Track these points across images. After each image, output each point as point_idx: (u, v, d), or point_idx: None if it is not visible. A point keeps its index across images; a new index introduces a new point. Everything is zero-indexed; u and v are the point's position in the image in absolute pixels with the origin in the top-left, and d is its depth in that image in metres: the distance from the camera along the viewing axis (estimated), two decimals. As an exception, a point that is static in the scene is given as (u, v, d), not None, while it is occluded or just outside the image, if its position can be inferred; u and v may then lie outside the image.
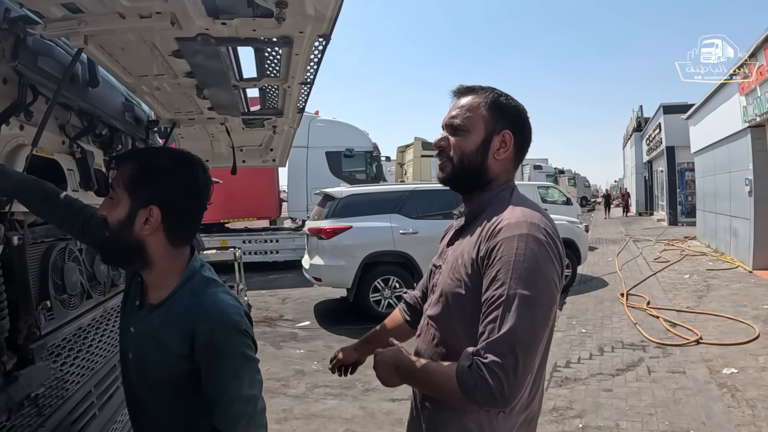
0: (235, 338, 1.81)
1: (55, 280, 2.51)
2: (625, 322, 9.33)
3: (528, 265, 1.72)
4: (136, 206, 1.81)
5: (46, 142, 2.48)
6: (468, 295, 1.86)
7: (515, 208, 1.90)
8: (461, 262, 1.91)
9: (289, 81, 2.50)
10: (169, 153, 1.98)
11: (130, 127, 3.35)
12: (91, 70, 2.66)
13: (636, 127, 44.26)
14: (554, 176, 44.26)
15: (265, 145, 4.22)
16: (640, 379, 6.61)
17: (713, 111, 17.50)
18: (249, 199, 17.01)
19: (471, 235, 1.94)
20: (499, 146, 1.99)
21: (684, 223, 29.50)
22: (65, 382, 2.44)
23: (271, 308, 11.50)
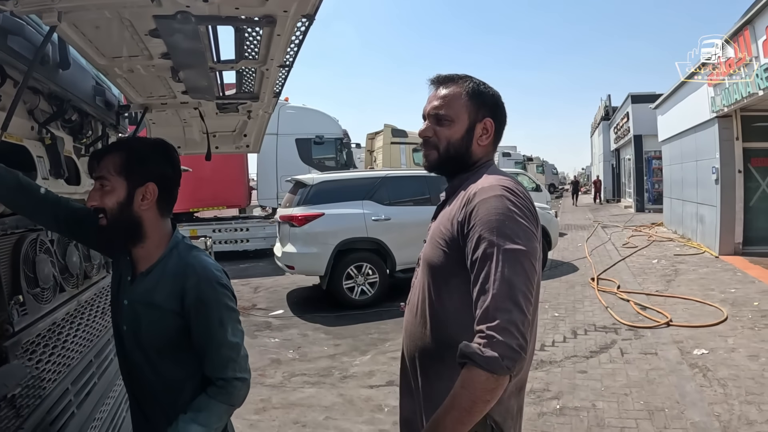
0: (218, 291, 2.07)
1: (27, 273, 2.39)
2: (596, 306, 9.42)
3: (507, 221, 1.78)
4: (133, 186, 2.03)
5: (15, 127, 2.37)
6: (446, 260, 1.95)
7: (489, 176, 1.99)
8: (441, 230, 2.00)
9: (268, 63, 2.42)
10: (146, 139, 2.26)
11: (100, 112, 3.25)
12: (62, 51, 2.55)
13: (604, 116, 44.72)
14: (523, 163, 44.50)
15: (239, 130, 4.13)
16: (613, 360, 6.69)
17: (681, 101, 17.74)
18: (218, 187, 16.82)
19: (449, 206, 2.03)
20: (482, 133, 2.10)
21: (651, 209, 29.90)
22: (42, 380, 2.34)
23: (243, 297, 11.34)
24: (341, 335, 8.32)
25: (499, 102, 2.15)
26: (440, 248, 1.98)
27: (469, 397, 1.63)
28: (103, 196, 2.02)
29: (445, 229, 1.96)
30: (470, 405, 1.64)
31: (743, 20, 11.73)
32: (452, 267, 1.92)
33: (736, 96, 12.52)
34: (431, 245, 2.05)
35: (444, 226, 1.98)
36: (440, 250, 1.98)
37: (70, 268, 2.88)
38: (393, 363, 6.84)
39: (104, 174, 2.02)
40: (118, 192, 2.02)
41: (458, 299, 1.91)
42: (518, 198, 1.85)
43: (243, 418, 5.39)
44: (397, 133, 21.53)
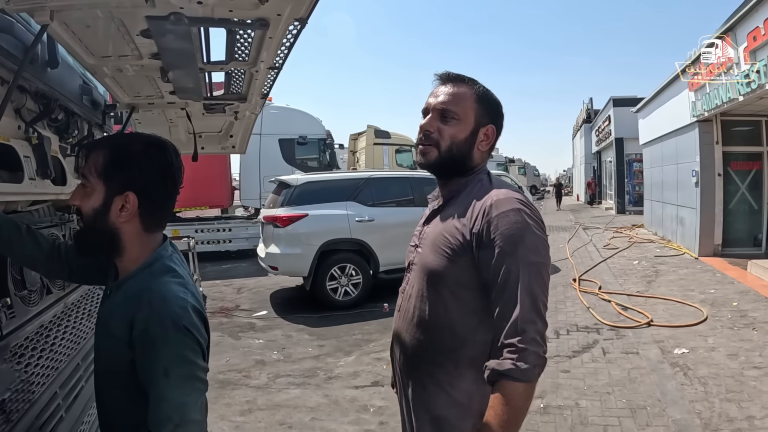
0: (171, 333, 1.65)
1: (14, 275, 2.34)
2: (578, 306, 9.51)
3: (527, 235, 1.83)
4: (112, 194, 1.77)
5: (2, 126, 2.32)
6: (454, 269, 1.96)
7: (499, 189, 1.98)
8: (446, 238, 1.99)
9: (258, 65, 2.40)
10: (140, 138, 1.91)
11: (87, 111, 3.21)
12: (50, 50, 2.51)
13: (586, 118, 44.93)
14: (505, 165, 44.65)
15: (225, 131, 4.10)
16: (596, 360, 6.76)
17: (662, 105, 17.97)
18: (201, 187, 16.65)
19: (456, 214, 2.01)
20: (484, 138, 2.11)
21: (632, 211, 30.20)
22: (31, 384, 2.30)
23: (226, 298, 11.33)
24: (325, 336, 8.31)
25: (501, 111, 2.17)
26: (445, 256, 1.98)
27: (514, 411, 1.72)
28: (84, 198, 1.80)
29: (453, 238, 1.97)
30: (516, 417, 1.73)
31: (725, 26, 11.90)
32: (460, 276, 1.96)
33: (716, 101, 12.74)
34: (433, 253, 2.04)
35: (451, 234, 1.98)
36: (445, 258, 1.98)
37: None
38: (377, 363, 6.88)
39: (86, 173, 1.80)
40: (95, 197, 1.78)
41: (463, 307, 1.98)
42: (533, 211, 1.92)
43: (229, 420, 5.39)
44: (380, 134, 21.51)
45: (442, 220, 2.08)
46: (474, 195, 2.01)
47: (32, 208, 2.77)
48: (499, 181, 2.08)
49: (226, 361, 7.23)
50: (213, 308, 10.43)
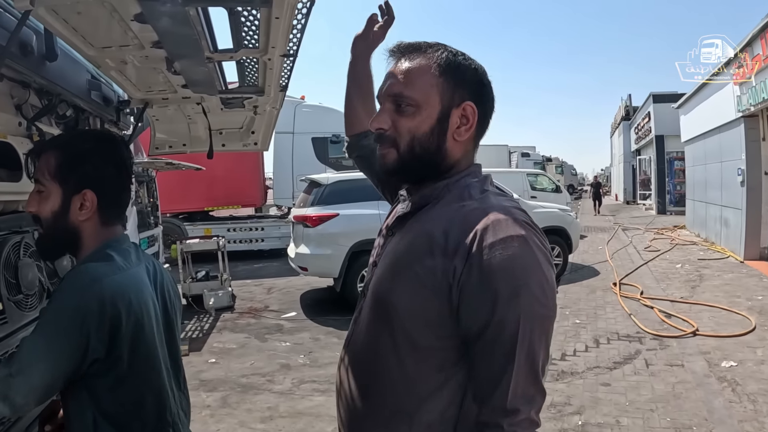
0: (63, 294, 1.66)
1: (7, 278, 2.26)
2: (619, 313, 9.16)
3: (534, 276, 1.35)
4: (69, 194, 1.77)
5: (1, 123, 2.27)
6: (419, 306, 1.43)
7: (492, 201, 1.49)
8: (414, 264, 1.46)
9: (270, 52, 2.23)
10: (89, 134, 1.98)
11: (97, 107, 3.08)
12: (48, 42, 2.37)
13: (624, 115, 44.26)
14: (542, 164, 44.20)
15: (246, 127, 3.94)
16: (638, 372, 6.44)
17: (705, 100, 17.42)
18: (233, 186, 16.81)
19: (429, 232, 1.47)
20: (460, 123, 1.55)
21: (672, 212, 29.50)
22: None
23: (256, 298, 11.26)
24: (354, 340, 8.09)
25: (483, 80, 1.60)
26: (409, 288, 1.45)
27: None
28: (40, 203, 1.78)
29: (423, 267, 1.43)
30: None
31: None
32: (427, 318, 1.43)
33: (763, 95, 12.16)
34: (393, 279, 1.52)
35: (419, 260, 1.45)
36: (409, 290, 1.45)
37: (60, 272, 2.71)
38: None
39: (39, 177, 1.78)
40: (53, 200, 1.77)
41: (427, 360, 1.46)
42: (542, 239, 1.43)
43: (248, 426, 5.26)
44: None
45: (410, 236, 1.55)
46: (456, 208, 1.49)
47: None
48: (493, 190, 1.58)
49: (251, 365, 7.12)
50: (242, 308, 10.37)
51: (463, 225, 1.40)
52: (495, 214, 1.40)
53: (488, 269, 1.32)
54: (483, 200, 1.49)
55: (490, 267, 1.32)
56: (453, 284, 1.36)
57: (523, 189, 18.96)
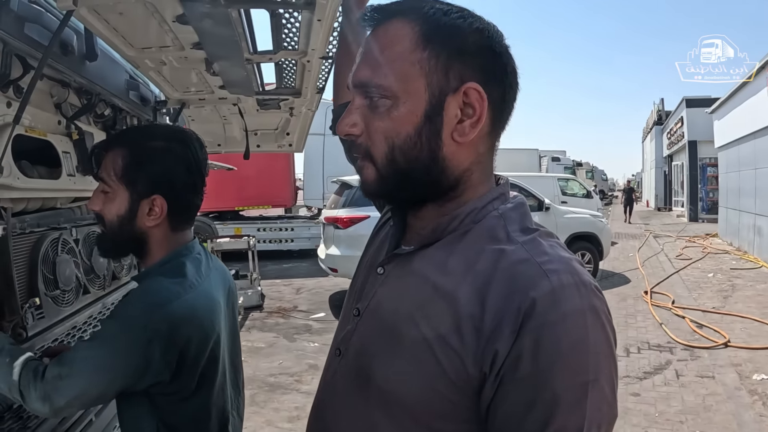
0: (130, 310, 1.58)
1: (45, 274, 2.28)
2: (650, 322, 9.07)
3: (607, 365, 0.97)
4: (137, 198, 1.66)
5: (40, 121, 2.26)
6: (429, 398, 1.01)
7: (547, 249, 1.03)
8: (418, 339, 1.02)
9: (309, 54, 2.23)
10: (161, 132, 1.78)
11: (135, 107, 3.11)
12: (88, 42, 2.40)
13: (657, 120, 43.77)
14: (572, 169, 43.77)
15: (281, 128, 3.97)
16: (668, 383, 6.37)
17: (740, 105, 17.20)
18: (264, 186, 16.92)
19: (443, 290, 1.03)
20: (461, 115, 1.05)
21: (704, 219, 29.09)
22: None
23: (284, 298, 11.32)
24: (382, 342, 8.08)
25: (494, 46, 1.06)
26: (421, 375, 1.01)
27: None
28: (105, 203, 1.68)
29: (446, 348, 0.98)
30: None
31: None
32: (443, 413, 1.01)
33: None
34: (393, 358, 1.06)
35: (440, 338, 0.99)
36: (421, 377, 1.01)
37: (96, 269, 2.75)
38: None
39: (104, 177, 1.67)
40: (119, 203, 1.66)
41: None
42: (603, 306, 1.01)
43: (275, 425, 5.28)
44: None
45: (415, 291, 1.08)
46: (492, 256, 1.02)
47: (73, 205, 2.73)
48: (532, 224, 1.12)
49: (279, 364, 7.16)
50: (270, 308, 10.42)
51: (509, 286, 0.97)
52: (557, 273, 0.97)
53: (548, 359, 0.92)
54: (532, 246, 1.03)
55: (550, 356, 0.92)
56: (489, 375, 0.95)
57: (553, 194, 18.83)
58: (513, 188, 1.20)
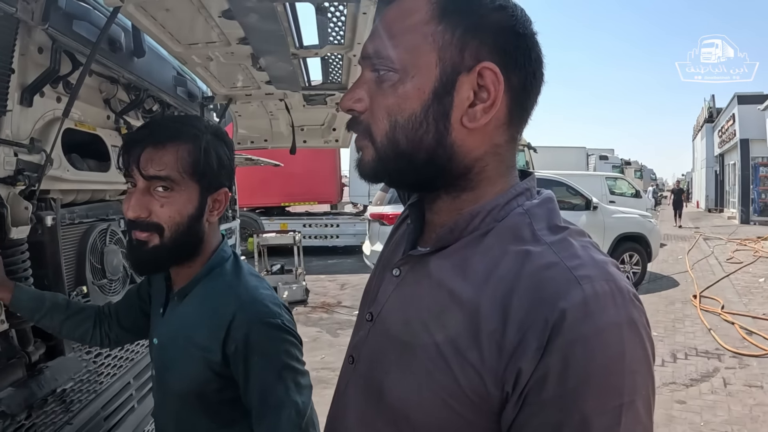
0: (274, 334, 1.51)
1: (93, 263, 2.36)
2: (698, 327, 8.81)
3: (645, 385, 0.85)
4: (206, 193, 1.56)
5: (90, 116, 2.34)
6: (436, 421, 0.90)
7: (578, 251, 0.90)
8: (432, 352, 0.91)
9: (355, 48, 2.24)
10: (202, 124, 1.64)
11: (182, 102, 3.16)
12: (136, 39, 2.45)
13: (707, 117, 42.55)
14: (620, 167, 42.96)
15: (328, 124, 3.99)
16: (715, 391, 6.17)
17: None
18: (310, 182, 17.05)
19: (460, 297, 0.91)
20: (474, 98, 0.93)
21: (757, 222, 28.15)
22: (99, 375, 2.28)
23: (329, 294, 11.37)
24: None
25: (518, 27, 0.95)
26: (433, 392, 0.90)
27: None
28: (165, 207, 1.49)
29: (462, 364, 0.87)
30: None
31: None
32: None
33: None
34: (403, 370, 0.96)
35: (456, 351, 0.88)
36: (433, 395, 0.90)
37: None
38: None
39: (166, 174, 1.47)
40: (187, 201, 1.51)
41: None
42: (642, 319, 0.87)
43: (316, 419, 5.28)
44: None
45: (430, 297, 0.97)
46: (515, 258, 0.90)
47: (121, 198, 2.76)
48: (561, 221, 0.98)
49: (321, 359, 7.18)
50: (315, 303, 10.47)
51: (535, 296, 0.84)
52: (590, 280, 0.84)
53: (578, 379, 0.80)
54: (561, 247, 0.91)
55: (581, 376, 0.80)
56: (511, 395, 0.84)
57: (601, 193, 18.54)
58: (560, 186, 1.08)
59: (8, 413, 1.68)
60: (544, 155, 22.84)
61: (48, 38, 1.87)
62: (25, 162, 1.85)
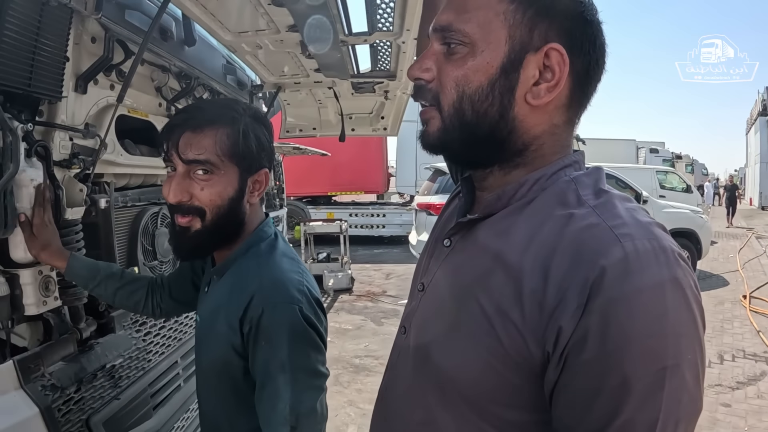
0: (288, 323, 1.44)
1: (144, 245, 2.43)
2: (747, 328, 8.53)
3: (691, 348, 0.82)
4: (246, 175, 1.54)
5: (143, 103, 2.40)
6: (489, 379, 0.92)
7: (621, 212, 0.90)
8: (477, 313, 0.93)
9: (404, 35, 2.24)
10: (242, 106, 1.61)
11: (232, 91, 3.20)
12: (186, 28, 2.50)
13: (761, 110, 41.24)
14: (671, 161, 41.98)
15: (376, 112, 4.00)
16: (761, 395, 5.97)
17: None
18: (357, 172, 17.09)
19: (505, 259, 0.93)
20: (539, 77, 0.97)
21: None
22: (147, 353, 2.33)
23: (374, 283, 11.41)
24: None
25: (586, 13, 0.98)
26: (478, 353, 0.92)
27: None
28: (205, 190, 1.48)
29: (505, 323, 0.89)
30: None
31: None
32: (502, 399, 0.93)
33: None
34: (451, 334, 0.98)
35: (499, 312, 0.90)
36: (478, 356, 0.92)
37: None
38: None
39: (205, 157, 1.46)
40: (227, 183, 1.50)
41: None
42: (690, 281, 0.85)
43: (357, 406, 5.32)
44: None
45: (476, 261, 1.00)
46: (559, 221, 0.92)
47: None
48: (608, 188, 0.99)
49: (365, 346, 7.20)
50: (360, 292, 10.50)
51: (576, 254, 0.86)
52: (631, 238, 0.84)
53: (618, 340, 0.80)
54: (604, 209, 0.91)
55: (621, 336, 0.80)
56: (552, 356, 0.85)
57: (651, 187, 18.17)
58: (609, 179, 1.11)
59: (58, 386, 1.74)
60: (592, 147, 22.50)
61: (100, 28, 1.92)
62: (80, 146, 1.92)
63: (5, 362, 1.62)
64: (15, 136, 1.54)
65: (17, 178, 1.59)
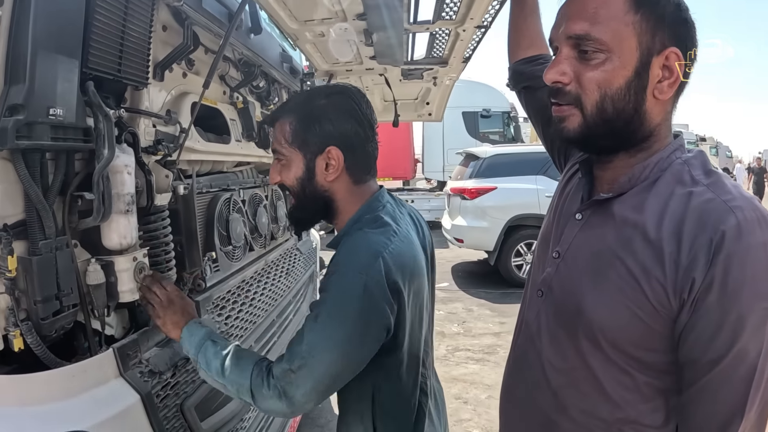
0: (343, 278, 1.47)
1: (220, 231, 2.49)
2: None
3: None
4: (312, 156, 1.61)
5: (209, 91, 2.42)
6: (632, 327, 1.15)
7: (731, 189, 1.13)
8: (623, 274, 1.16)
9: (466, 23, 2.29)
10: (320, 91, 1.71)
11: (287, 78, 3.27)
12: (253, 17, 2.56)
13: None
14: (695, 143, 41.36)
15: (421, 98, 4.06)
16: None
17: None
18: (385, 159, 16.99)
19: (643, 229, 1.15)
20: (662, 76, 1.17)
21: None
22: (229, 336, 2.39)
23: (408, 268, 11.43)
24: (507, 313, 8.02)
25: (687, 17, 1.19)
26: (623, 305, 1.15)
27: None
28: (282, 172, 1.66)
29: (650, 281, 1.11)
30: None
31: None
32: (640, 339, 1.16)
33: None
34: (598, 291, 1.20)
35: (645, 273, 1.12)
36: (622, 307, 1.15)
37: (260, 228, 2.96)
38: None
39: (277, 147, 1.65)
40: (295, 166, 1.63)
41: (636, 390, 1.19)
42: None
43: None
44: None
45: (615, 232, 1.21)
46: (682, 197, 1.14)
47: (237, 170, 2.90)
48: (714, 169, 1.20)
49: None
50: (394, 277, 10.46)
51: (701, 223, 1.08)
52: (741, 209, 1.07)
53: (735, 285, 1.03)
54: (716, 186, 1.14)
55: (737, 282, 1.03)
56: (686, 301, 1.08)
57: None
58: None
59: (156, 372, 1.80)
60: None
61: (170, 16, 1.99)
62: (162, 133, 1.99)
63: (104, 351, 1.65)
64: (109, 121, 1.57)
65: (112, 164, 1.60)
